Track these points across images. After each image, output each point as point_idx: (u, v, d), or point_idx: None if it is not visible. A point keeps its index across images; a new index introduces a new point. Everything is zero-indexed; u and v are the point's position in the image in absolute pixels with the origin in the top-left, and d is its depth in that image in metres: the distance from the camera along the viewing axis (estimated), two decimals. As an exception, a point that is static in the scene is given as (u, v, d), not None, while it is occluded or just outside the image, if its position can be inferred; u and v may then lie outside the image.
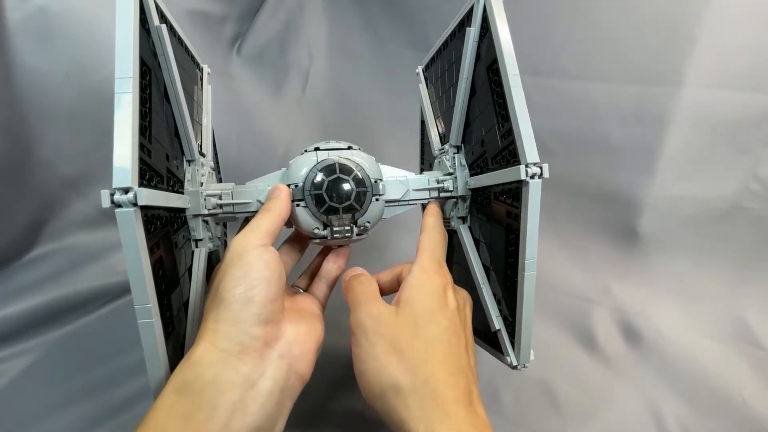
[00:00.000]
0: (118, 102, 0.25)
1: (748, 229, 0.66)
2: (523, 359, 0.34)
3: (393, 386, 0.26)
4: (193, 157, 0.36)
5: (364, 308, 0.30)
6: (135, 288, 0.25)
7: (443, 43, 0.45)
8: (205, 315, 0.28)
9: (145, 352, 0.26)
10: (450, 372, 0.27)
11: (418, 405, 0.25)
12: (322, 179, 0.35)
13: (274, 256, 0.29)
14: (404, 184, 0.40)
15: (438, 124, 0.48)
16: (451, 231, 0.44)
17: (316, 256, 0.42)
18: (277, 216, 0.32)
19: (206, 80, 0.46)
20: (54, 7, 0.60)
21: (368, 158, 0.37)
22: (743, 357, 0.59)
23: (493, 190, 0.36)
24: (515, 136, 0.31)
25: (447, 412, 0.25)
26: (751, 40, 0.61)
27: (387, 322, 0.28)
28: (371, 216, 0.37)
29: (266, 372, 0.26)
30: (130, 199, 0.23)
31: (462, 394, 0.26)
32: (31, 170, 0.64)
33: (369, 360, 0.27)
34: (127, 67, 0.26)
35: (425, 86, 0.51)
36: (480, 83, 0.37)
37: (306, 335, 0.30)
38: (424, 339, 0.28)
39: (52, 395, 0.49)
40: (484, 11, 0.34)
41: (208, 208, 0.35)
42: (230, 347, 0.25)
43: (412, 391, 0.25)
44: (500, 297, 0.37)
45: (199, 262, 0.35)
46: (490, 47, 0.34)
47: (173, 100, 0.34)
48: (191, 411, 0.23)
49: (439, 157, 0.45)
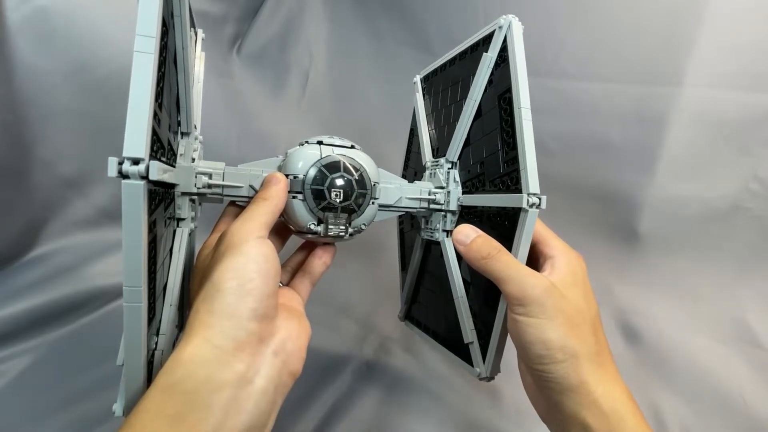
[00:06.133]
0: (138, 63, 0.22)
1: (748, 229, 0.66)
2: (493, 371, 0.37)
3: (573, 354, 0.29)
4: (190, 129, 0.34)
5: (535, 281, 0.31)
6: (129, 268, 0.23)
7: (451, 59, 0.45)
8: (196, 306, 0.26)
9: (126, 338, 0.24)
10: (603, 343, 0.32)
11: (592, 370, 0.29)
12: (325, 175, 0.34)
13: (271, 249, 0.28)
14: (399, 190, 0.40)
15: (431, 135, 0.49)
16: (434, 242, 0.44)
17: (297, 251, 0.41)
18: (275, 206, 0.31)
19: (200, 45, 0.42)
20: (54, 7, 0.60)
21: (368, 160, 0.37)
22: (743, 357, 0.59)
23: (486, 211, 0.37)
24: (520, 166, 0.33)
25: (613, 376, 0.31)
26: (751, 40, 0.61)
27: (562, 297, 0.31)
28: (366, 218, 0.37)
29: (261, 370, 0.25)
30: (141, 172, 0.21)
31: (612, 360, 0.32)
32: (31, 170, 0.64)
33: (549, 330, 0.30)
34: (151, 25, 0.23)
35: (422, 96, 0.52)
36: (488, 108, 0.38)
37: (298, 331, 0.29)
38: (589, 317, 0.32)
39: (51, 395, 0.49)
40: (504, 41, 0.36)
41: (198, 187, 0.33)
42: (224, 343, 0.24)
43: (587, 359, 0.30)
44: (476, 311, 0.38)
45: (180, 243, 0.33)
46: (504, 76, 0.35)
47: (181, 67, 0.31)
48: (182, 411, 0.22)
49: (432, 169, 0.45)
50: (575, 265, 0.34)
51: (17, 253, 0.64)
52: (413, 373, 0.57)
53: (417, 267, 0.50)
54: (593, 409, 0.28)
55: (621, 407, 0.29)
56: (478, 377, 0.38)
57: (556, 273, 0.33)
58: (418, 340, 0.62)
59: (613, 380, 0.30)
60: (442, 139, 0.46)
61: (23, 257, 0.64)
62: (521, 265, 0.32)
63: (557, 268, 0.33)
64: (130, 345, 0.24)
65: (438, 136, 0.47)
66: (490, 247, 0.33)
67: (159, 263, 0.29)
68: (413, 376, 0.56)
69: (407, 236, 0.57)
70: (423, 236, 0.46)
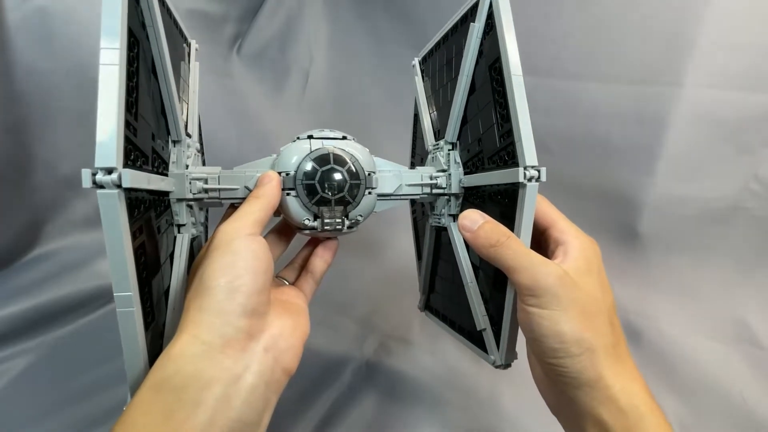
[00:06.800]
0: (104, 75, 0.23)
1: (748, 229, 0.66)
2: (507, 358, 0.34)
3: (589, 348, 0.28)
4: (179, 137, 0.34)
5: (548, 269, 0.29)
6: (115, 275, 0.23)
7: (443, 36, 0.44)
8: (187, 304, 0.26)
9: (123, 343, 0.25)
10: (620, 335, 0.31)
11: (610, 364, 0.28)
12: (315, 169, 0.33)
13: (262, 245, 0.28)
14: (398, 177, 0.39)
15: (432, 118, 0.47)
16: (441, 228, 0.43)
17: (304, 247, 0.41)
18: (267, 204, 0.31)
19: (194, 56, 0.43)
20: (54, 7, 0.60)
21: (362, 150, 0.36)
22: (743, 357, 0.59)
23: (488, 190, 0.35)
24: (515, 138, 0.31)
25: (631, 370, 0.29)
26: (751, 40, 0.61)
27: (575, 287, 0.29)
28: (363, 209, 0.36)
29: (251, 366, 0.25)
30: (114, 181, 0.22)
31: (628, 353, 0.31)
32: (31, 170, 0.64)
33: (564, 322, 0.28)
34: (114, 37, 0.24)
35: (421, 79, 0.50)
36: (481, 81, 0.37)
37: (292, 328, 0.29)
38: (605, 307, 0.30)
39: (51, 395, 0.49)
40: (490, 7, 0.34)
41: (193, 193, 0.33)
42: (213, 339, 0.24)
43: (604, 354, 0.28)
44: (487, 296, 0.37)
45: (181, 248, 0.33)
46: (493, 45, 0.33)
47: (161, 76, 0.32)
48: (172, 408, 0.22)
49: (433, 152, 0.44)
50: (589, 252, 0.32)
51: (17, 253, 0.64)
52: (413, 373, 0.57)
53: (430, 255, 0.48)
54: (610, 406, 0.27)
55: (640, 404, 0.27)
56: (493, 365, 0.35)
57: (569, 260, 0.31)
58: (418, 340, 0.62)
59: (631, 375, 0.29)
60: (442, 121, 0.44)
61: (23, 257, 0.64)
62: (532, 252, 0.30)
63: (570, 254, 0.31)
64: (128, 349, 0.25)
65: (439, 118, 0.45)
66: (498, 234, 0.31)
67: (157, 268, 0.29)
68: (413, 376, 0.56)
69: (420, 224, 0.54)
70: (431, 223, 0.45)
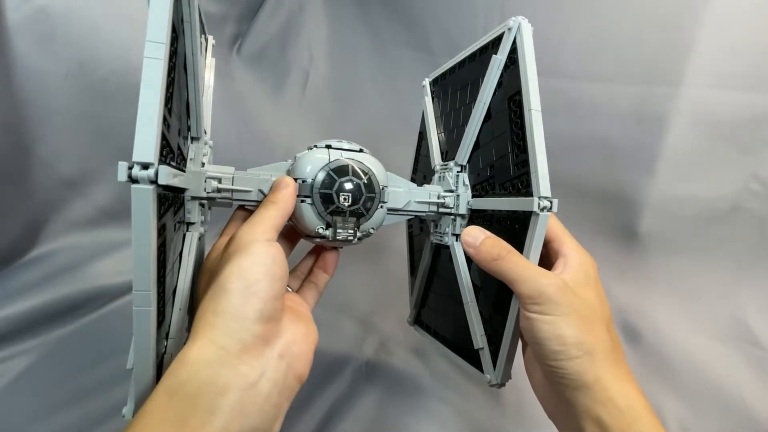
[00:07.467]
0: (147, 68, 0.23)
1: (748, 229, 0.66)
2: (503, 377, 0.36)
3: (589, 351, 0.29)
4: (199, 134, 0.34)
5: (548, 280, 0.31)
6: (138, 272, 0.23)
7: (459, 62, 0.45)
8: (202, 306, 0.26)
9: (136, 342, 0.24)
10: (618, 342, 0.32)
11: (607, 366, 0.29)
12: (333, 179, 0.34)
13: (279, 251, 0.28)
14: (407, 194, 0.40)
15: (440, 139, 0.48)
16: (443, 246, 0.44)
17: (307, 255, 0.41)
18: (283, 210, 0.31)
19: (210, 52, 0.43)
20: (54, 7, 0.60)
21: (377, 163, 0.37)
22: (743, 357, 0.59)
23: (496, 215, 0.37)
24: (530, 169, 0.33)
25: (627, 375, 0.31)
26: (751, 40, 0.61)
27: (575, 296, 0.31)
28: (375, 222, 0.37)
29: (266, 372, 0.25)
30: (150, 176, 0.22)
31: (624, 359, 0.32)
32: (31, 170, 0.64)
33: (565, 327, 0.29)
34: (161, 32, 0.24)
35: (431, 99, 0.52)
36: (497, 110, 0.38)
37: (304, 335, 0.29)
38: (602, 317, 0.32)
39: (52, 395, 0.49)
40: (514, 43, 0.36)
41: (208, 191, 0.34)
42: (230, 344, 0.24)
43: (602, 357, 0.30)
44: (487, 317, 0.38)
45: (190, 247, 0.33)
46: (514, 79, 0.35)
47: (190, 72, 0.32)
48: (186, 414, 0.22)
49: (441, 172, 0.45)
50: (588, 266, 0.34)
51: (17, 253, 0.64)
52: (414, 373, 0.57)
53: (426, 271, 0.49)
54: (608, 406, 0.28)
55: (636, 405, 0.29)
56: (488, 384, 0.37)
57: (568, 271, 0.32)
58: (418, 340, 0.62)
59: (627, 378, 0.30)
60: (451, 143, 0.45)
61: (23, 257, 0.64)
62: (533, 264, 0.32)
63: (569, 266, 0.33)
64: (140, 349, 0.24)
65: (447, 140, 0.47)
66: (500, 248, 0.33)
67: (168, 267, 0.29)
68: (414, 376, 0.56)
69: (416, 239, 0.56)
70: (432, 240, 0.46)
